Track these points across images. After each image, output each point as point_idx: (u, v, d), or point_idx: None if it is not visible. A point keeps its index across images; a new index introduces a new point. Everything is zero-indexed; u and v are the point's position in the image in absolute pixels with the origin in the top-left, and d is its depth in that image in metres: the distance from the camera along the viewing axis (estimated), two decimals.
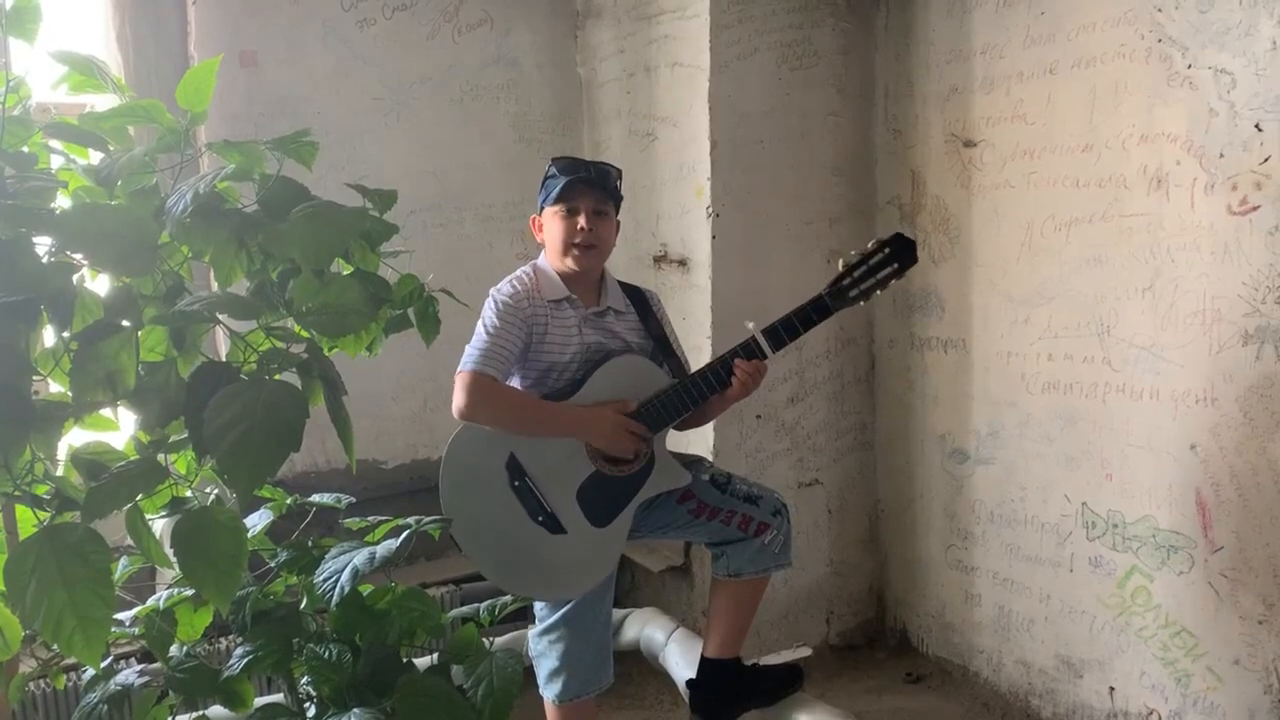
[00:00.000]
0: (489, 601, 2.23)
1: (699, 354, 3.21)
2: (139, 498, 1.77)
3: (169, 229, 1.85)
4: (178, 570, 1.67)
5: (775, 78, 3.36)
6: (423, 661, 2.18)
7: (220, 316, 1.78)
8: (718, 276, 3.32)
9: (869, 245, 2.30)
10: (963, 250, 3.35)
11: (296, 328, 1.89)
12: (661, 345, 2.46)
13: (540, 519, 2.32)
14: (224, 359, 1.96)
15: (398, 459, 3.64)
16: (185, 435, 1.76)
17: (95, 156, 1.95)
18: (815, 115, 3.47)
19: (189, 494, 1.90)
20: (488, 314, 2.35)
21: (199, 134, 3.19)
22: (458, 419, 2.27)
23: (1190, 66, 2.65)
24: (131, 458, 1.80)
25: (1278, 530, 2.60)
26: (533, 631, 2.51)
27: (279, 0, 3.26)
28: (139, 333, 1.83)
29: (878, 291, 2.31)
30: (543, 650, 2.47)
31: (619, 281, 2.49)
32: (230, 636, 2.93)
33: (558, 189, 2.33)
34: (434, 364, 3.61)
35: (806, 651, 3.07)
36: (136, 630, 2.01)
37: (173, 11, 3.07)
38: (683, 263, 3.42)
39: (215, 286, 2.03)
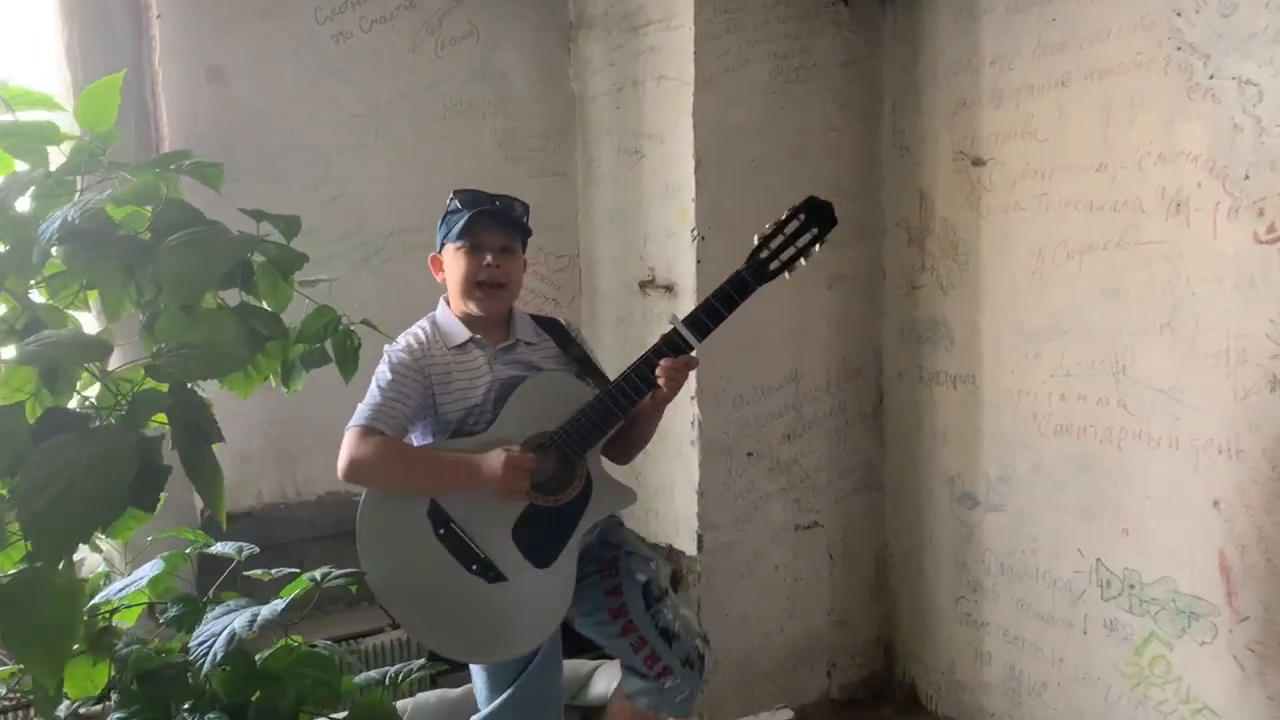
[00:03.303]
0: (397, 666, 2.05)
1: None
2: None
3: (35, 257, 1.71)
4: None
5: (768, 91, 3.13)
6: None
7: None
8: None
9: (784, 214, 2.16)
10: (971, 277, 3.08)
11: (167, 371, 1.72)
12: (586, 367, 2.28)
13: (475, 568, 2.10)
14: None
15: None
16: None
17: None
18: (814, 131, 3.23)
19: None
20: (381, 370, 2.17)
21: (163, 150, 3.08)
22: (342, 481, 2.09)
23: (1212, 77, 2.37)
24: None
25: None
26: None
27: (248, 14, 3.12)
28: (3, 372, 1.70)
29: (800, 261, 2.15)
30: None
31: (531, 314, 2.33)
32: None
33: (460, 224, 2.15)
34: None
35: (788, 714, 2.82)
36: (3, 690, 1.87)
37: (125, 25, 2.94)
38: (669, 288, 3.21)
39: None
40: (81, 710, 2.05)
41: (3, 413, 1.66)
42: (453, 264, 2.19)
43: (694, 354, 2.13)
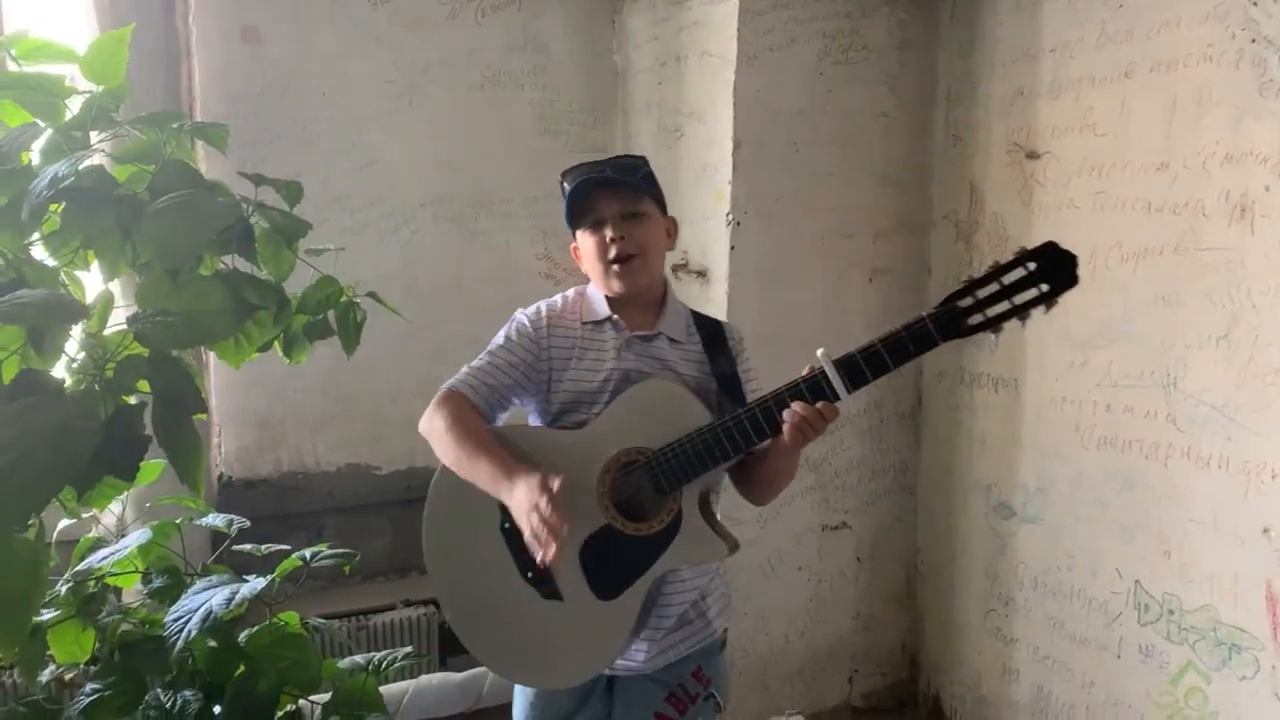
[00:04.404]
0: (383, 653, 1.98)
1: None
2: None
3: (24, 214, 1.66)
4: None
5: (815, 72, 2.99)
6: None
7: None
8: (735, 292, 2.98)
9: (1009, 256, 1.61)
10: None
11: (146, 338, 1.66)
12: (728, 387, 1.89)
13: (530, 575, 1.85)
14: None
15: (393, 464, 3.42)
16: None
17: None
18: (863, 116, 3.09)
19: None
20: (500, 333, 1.97)
21: (197, 112, 3.04)
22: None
23: None
24: None
25: None
26: None
27: None
28: None
29: (1015, 320, 1.60)
30: None
31: (694, 312, 1.99)
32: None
33: (570, 204, 1.90)
34: (440, 365, 3.37)
35: None
36: None
37: None
38: (702, 274, 3.09)
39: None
40: (68, 676, 2.02)
41: None
42: (584, 248, 1.93)
43: (837, 405, 1.70)
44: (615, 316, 1.92)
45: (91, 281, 1.84)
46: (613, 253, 1.87)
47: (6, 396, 1.51)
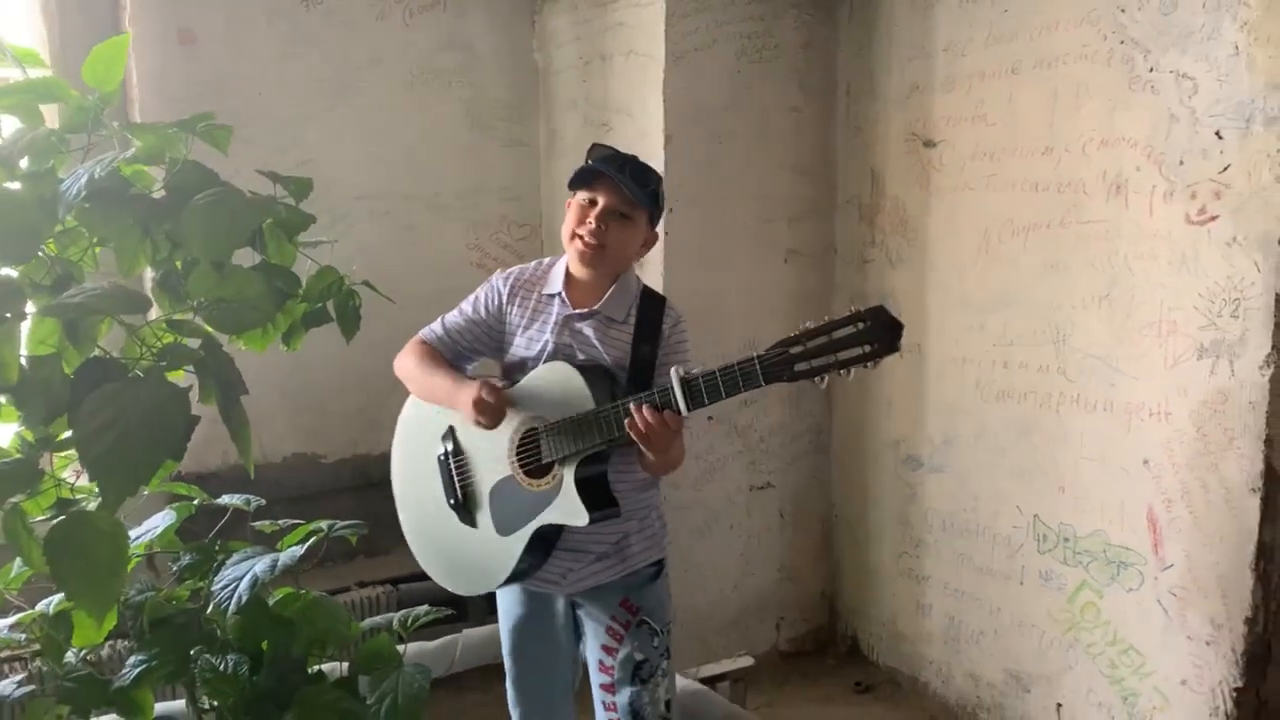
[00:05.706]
0: (403, 612, 2.14)
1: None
2: (18, 499, 1.68)
3: (61, 214, 1.75)
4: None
5: (734, 70, 3.26)
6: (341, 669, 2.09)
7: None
8: (670, 277, 3.23)
9: (843, 313, 1.79)
10: (919, 253, 3.26)
11: (205, 324, 1.79)
12: (638, 373, 2.09)
13: (452, 503, 2.19)
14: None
15: (338, 454, 3.53)
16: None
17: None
18: (776, 111, 3.38)
19: (80, 495, 1.79)
20: (477, 289, 2.26)
21: (135, 112, 3.08)
22: None
23: (1152, 70, 2.57)
24: (13, 456, 1.71)
25: (1228, 550, 2.53)
26: None
27: None
28: (30, 324, 1.75)
29: (839, 373, 1.78)
30: None
31: (648, 290, 2.19)
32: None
33: (577, 174, 2.11)
34: (380, 357, 3.50)
35: (748, 661, 2.99)
36: (24, 636, 1.92)
37: None
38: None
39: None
40: (90, 657, 2.10)
41: (40, 362, 1.72)
42: (569, 212, 2.12)
43: (681, 417, 1.91)
44: (563, 293, 2.15)
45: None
46: (584, 230, 2.08)
47: (73, 384, 1.63)
